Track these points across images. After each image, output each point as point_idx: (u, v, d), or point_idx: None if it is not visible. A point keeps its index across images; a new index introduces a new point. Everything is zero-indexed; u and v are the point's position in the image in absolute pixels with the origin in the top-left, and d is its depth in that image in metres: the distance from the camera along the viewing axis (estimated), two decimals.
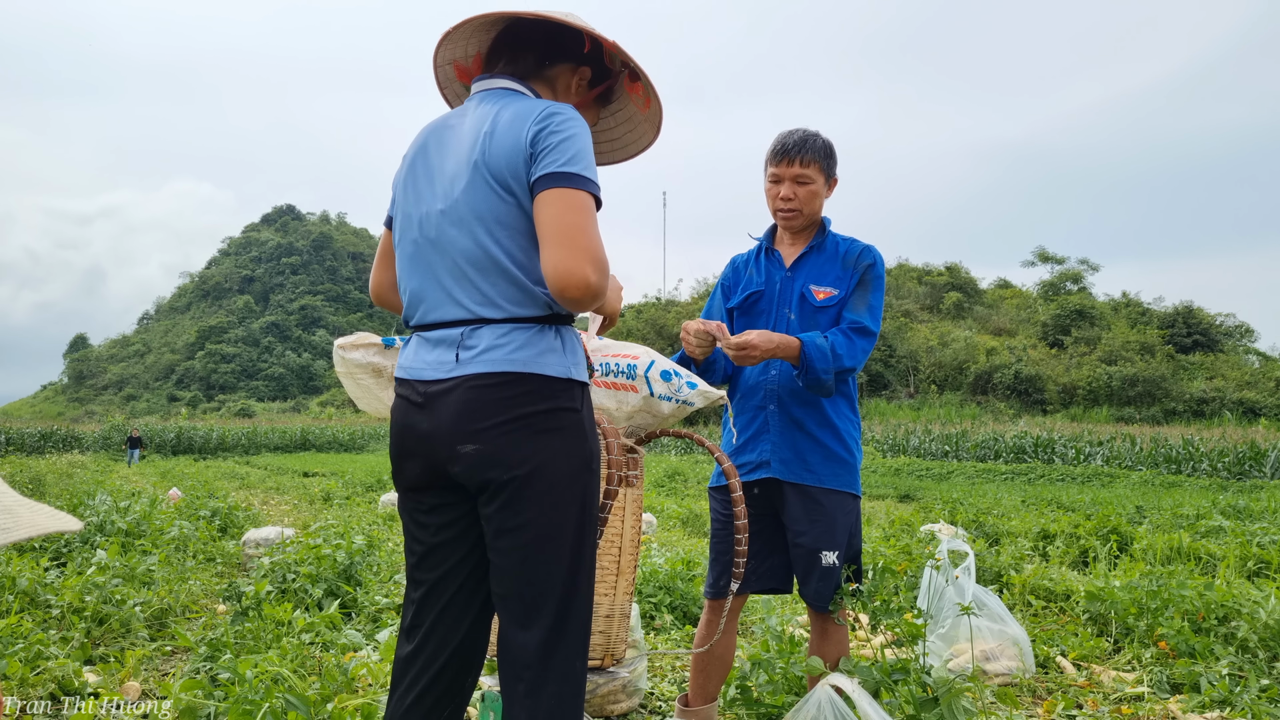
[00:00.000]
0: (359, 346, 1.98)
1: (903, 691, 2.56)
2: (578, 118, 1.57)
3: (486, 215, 1.57)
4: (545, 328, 1.59)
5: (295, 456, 29.77)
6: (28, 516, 1.05)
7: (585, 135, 1.55)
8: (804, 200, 2.48)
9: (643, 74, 1.72)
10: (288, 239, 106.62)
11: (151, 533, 6.63)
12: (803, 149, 2.44)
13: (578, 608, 1.59)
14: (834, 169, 2.53)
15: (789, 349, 2.36)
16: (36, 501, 1.11)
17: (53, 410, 74.39)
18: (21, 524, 1.03)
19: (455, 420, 1.56)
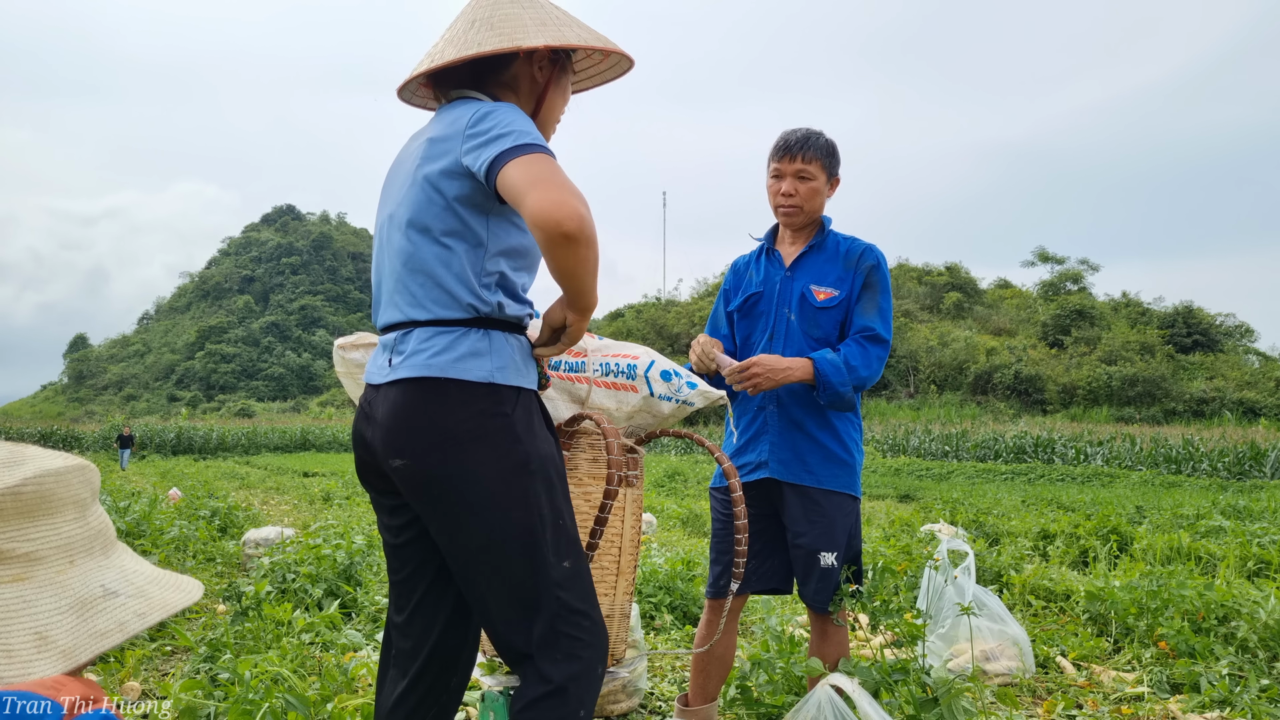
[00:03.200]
0: (359, 346, 1.97)
1: (902, 692, 2.56)
2: (510, 110, 1.55)
3: (418, 218, 1.58)
4: (469, 330, 1.56)
5: (295, 456, 29.77)
6: (159, 596, 1.05)
7: (521, 120, 1.52)
8: (805, 197, 2.47)
9: (584, 47, 1.68)
10: (288, 239, 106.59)
11: (151, 533, 6.63)
12: (805, 145, 2.44)
13: (545, 613, 1.54)
14: (836, 168, 2.52)
15: (803, 372, 2.36)
16: (160, 568, 1.11)
17: (53, 410, 74.37)
18: (154, 606, 1.03)
19: (385, 433, 1.57)
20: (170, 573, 1.11)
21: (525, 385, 1.61)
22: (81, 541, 1.01)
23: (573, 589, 1.56)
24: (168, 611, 1.04)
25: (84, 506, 1.02)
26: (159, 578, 1.08)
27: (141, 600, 1.03)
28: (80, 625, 0.96)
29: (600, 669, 1.59)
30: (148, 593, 1.05)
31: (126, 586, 1.03)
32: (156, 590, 1.06)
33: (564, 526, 1.59)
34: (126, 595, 1.02)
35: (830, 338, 2.48)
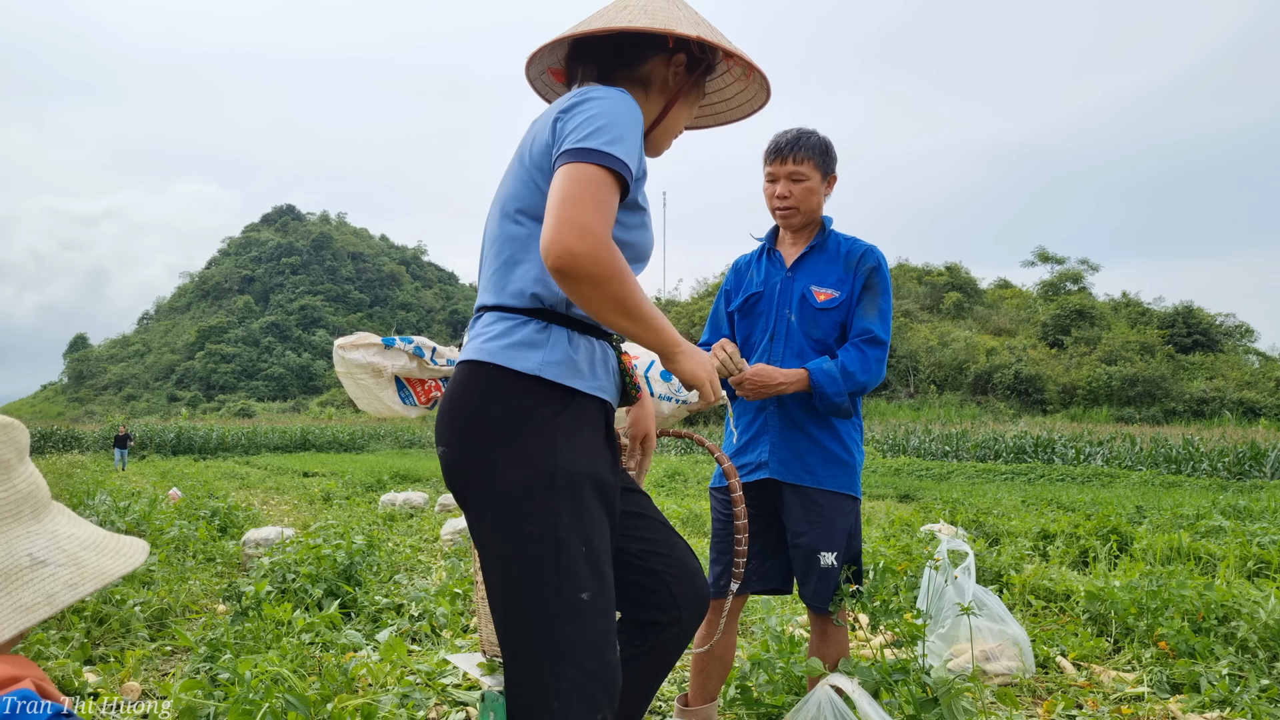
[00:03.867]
0: (359, 346, 1.98)
1: (902, 692, 2.56)
2: (610, 95, 1.44)
3: (509, 199, 1.53)
4: (530, 320, 1.47)
5: (295, 456, 29.77)
6: (94, 565, 0.97)
7: (614, 110, 1.41)
8: (800, 198, 2.47)
9: (737, 54, 1.61)
10: (288, 239, 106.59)
11: (151, 533, 6.63)
12: (796, 146, 2.44)
13: (538, 644, 1.39)
14: (831, 166, 2.51)
15: (798, 384, 2.38)
16: (97, 527, 1.03)
17: (53, 410, 74.38)
18: (88, 575, 0.96)
19: (439, 416, 1.52)
20: (112, 535, 1.03)
21: (581, 388, 1.47)
22: (7, 506, 0.94)
23: (579, 625, 1.39)
24: (104, 580, 0.96)
25: (8, 468, 0.96)
26: (96, 542, 1.00)
27: (74, 569, 0.95)
28: (2, 599, 0.90)
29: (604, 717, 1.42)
30: (81, 560, 0.96)
31: (58, 554, 0.95)
32: (92, 557, 0.98)
33: (587, 554, 1.41)
34: (57, 564, 0.94)
35: (830, 339, 2.48)
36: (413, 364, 2.00)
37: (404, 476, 16.61)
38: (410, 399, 2.02)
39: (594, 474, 1.46)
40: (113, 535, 1.03)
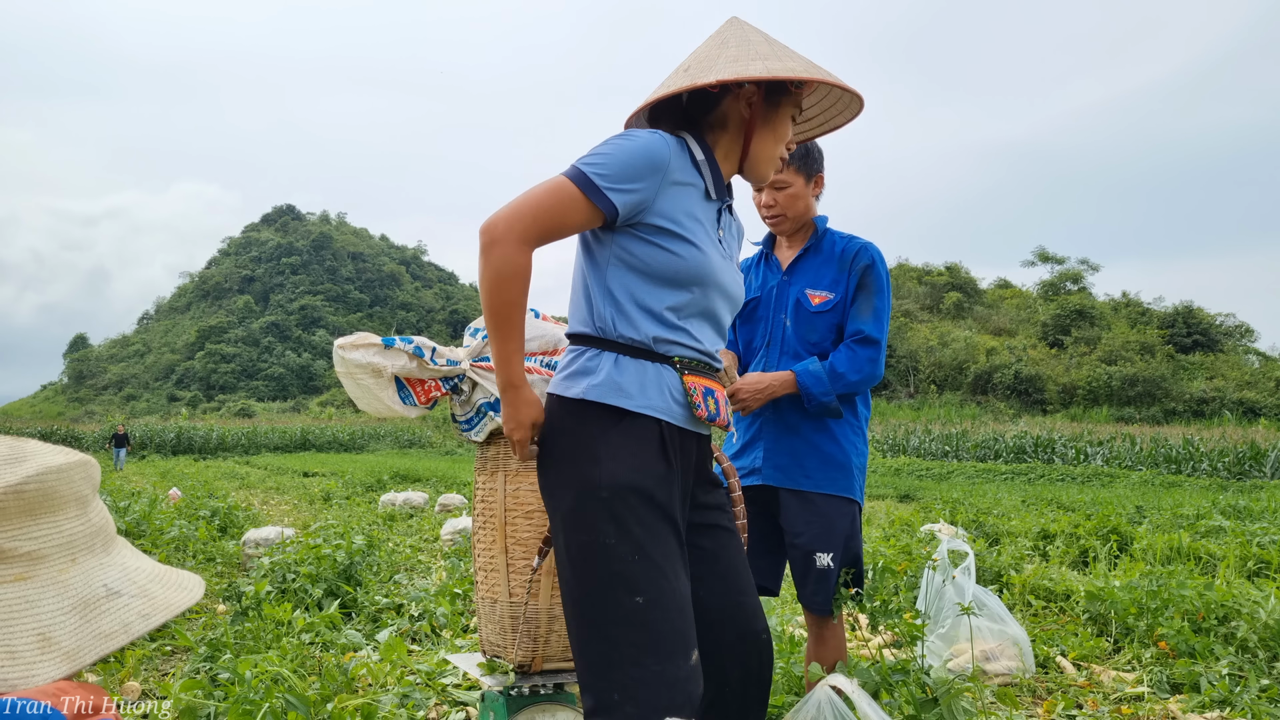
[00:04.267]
0: (359, 346, 1.98)
1: (902, 692, 2.56)
2: (631, 136, 1.59)
3: (581, 236, 1.68)
4: (586, 349, 1.63)
5: (295, 456, 29.77)
6: (162, 596, 1.02)
7: (622, 145, 1.56)
8: (785, 204, 2.45)
9: (754, 78, 1.61)
10: (288, 239, 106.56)
11: (151, 533, 6.64)
12: None
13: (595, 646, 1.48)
14: (814, 167, 2.48)
15: (784, 386, 2.38)
16: (161, 563, 1.07)
17: (53, 410, 74.37)
18: (158, 607, 1.00)
19: None
20: (172, 569, 1.07)
21: (628, 408, 1.56)
22: (84, 539, 0.98)
23: (636, 629, 1.45)
24: (172, 612, 1.01)
25: (85, 503, 1.00)
26: (161, 575, 1.05)
27: (145, 600, 1.00)
28: (84, 626, 0.94)
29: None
30: (151, 592, 1.01)
31: (129, 586, 1.00)
32: (159, 589, 1.02)
33: (640, 560, 1.48)
34: (130, 595, 0.99)
35: (825, 342, 2.47)
36: (413, 364, 2.00)
37: (404, 476, 16.61)
38: (410, 399, 2.02)
39: (641, 486, 1.52)
40: (171, 569, 1.07)
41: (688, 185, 1.63)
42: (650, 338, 1.60)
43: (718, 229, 1.70)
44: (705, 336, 1.68)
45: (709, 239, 1.66)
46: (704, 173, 1.67)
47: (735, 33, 1.71)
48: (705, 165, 1.66)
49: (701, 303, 1.64)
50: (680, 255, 1.60)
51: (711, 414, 1.65)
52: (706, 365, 1.68)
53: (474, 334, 2.11)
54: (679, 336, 1.63)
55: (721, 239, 1.72)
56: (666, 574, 1.49)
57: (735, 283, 1.72)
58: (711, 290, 1.65)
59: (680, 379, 1.62)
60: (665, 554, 1.51)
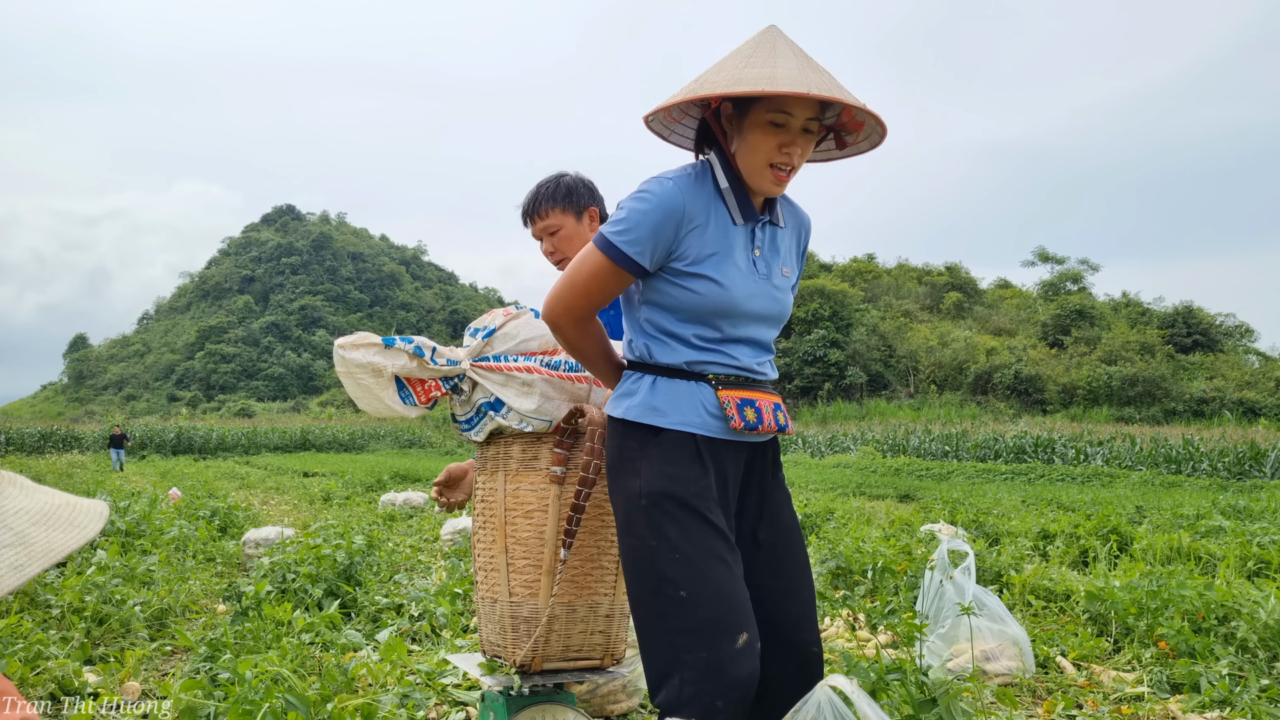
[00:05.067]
0: (359, 346, 1.98)
1: (901, 692, 2.56)
2: (643, 192, 1.70)
3: None
4: (630, 374, 1.80)
5: (295, 456, 29.78)
6: (42, 542, 0.89)
7: (636, 206, 1.68)
8: (562, 247, 2.40)
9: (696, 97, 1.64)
10: (288, 239, 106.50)
11: (151, 533, 6.64)
12: (536, 204, 2.39)
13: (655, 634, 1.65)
14: (582, 201, 2.39)
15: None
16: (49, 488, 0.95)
17: (53, 410, 74.35)
18: (35, 555, 0.87)
19: None
20: (67, 501, 0.94)
21: (663, 425, 1.71)
22: None
23: (681, 619, 1.62)
24: (53, 558, 0.87)
25: None
26: (48, 513, 0.91)
27: (20, 549, 0.86)
28: None
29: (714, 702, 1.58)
30: (29, 537, 0.87)
31: (2, 533, 0.86)
32: (41, 532, 0.88)
33: (680, 559, 1.64)
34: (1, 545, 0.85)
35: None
36: (413, 364, 2.00)
37: (404, 476, 16.61)
38: (410, 399, 2.02)
39: (674, 493, 1.67)
40: (68, 501, 0.94)
41: (706, 224, 1.71)
42: (685, 361, 1.74)
43: (752, 249, 1.76)
44: (741, 355, 1.77)
45: (737, 268, 1.73)
46: (727, 200, 1.73)
47: (751, 44, 1.69)
48: (729, 193, 1.73)
49: (730, 331, 1.75)
50: (701, 294, 1.70)
51: (750, 423, 1.72)
52: (746, 379, 1.77)
53: (474, 334, 2.11)
54: (713, 357, 1.74)
55: (758, 257, 1.76)
56: (702, 568, 1.63)
57: (770, 299, 1.78)
58: (739, 319, 1.74)
59: (715, 394, 1.72)
60: (702, 550, 1.64)
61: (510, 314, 2.12)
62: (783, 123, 1.66)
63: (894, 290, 51.98)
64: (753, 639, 1.61)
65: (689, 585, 1.62)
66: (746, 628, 1.61)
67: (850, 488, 15.11)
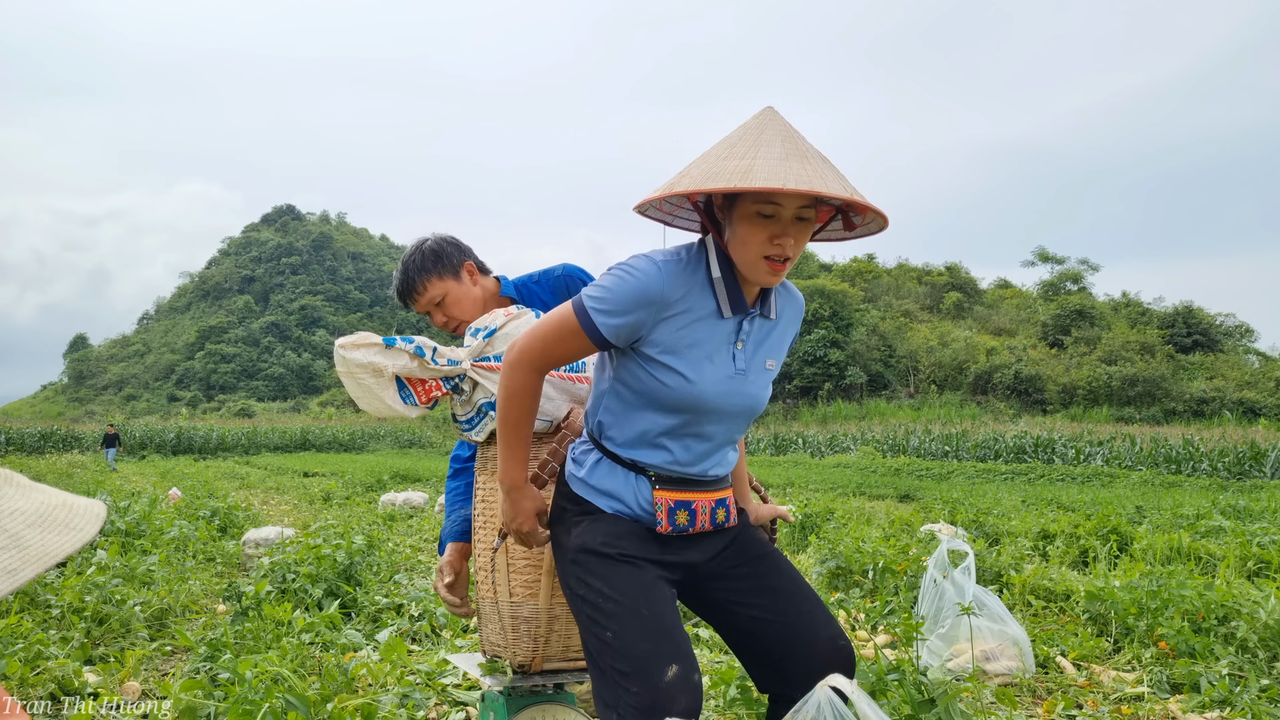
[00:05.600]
0: (360, 346, 1.97)
1: (901, 693, 2.56)
2: (627, 268, 1.66)
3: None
4: (583, 442, 1.84)
5: (295, 456, 29.77)
6: (37, 546, 0.87)
7: (620, 280, 1.64)
8: (453, 313, 2.29)
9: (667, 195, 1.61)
10: (288, 239, 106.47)
11: (151, 533, 6.64)
12: (409, 284, 2.28)
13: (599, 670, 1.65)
14: (454, 260, 2.29)
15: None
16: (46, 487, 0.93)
17: (53, 410, 74.35)
18: (30, 559, 0.85)
19: None
20: (65, 500, 0.92)
21: (601, 507, 1.74)
22: None
23: (612, 657, 1.63)
24: (49, 561, 0.85)
25: None
26: (44, 514, 0.88)
27: (15, 552, 0.83)
28: None
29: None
30: (24, 540, 0.85)
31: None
32: (37, 535, 0.86)
33: (605, 603, 1.66)
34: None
35: None
36: (414, 364, 2.00)
37: (404, 476, 16.61)
38: (411, 399, 2.02)
39: (598, 549, 1.70)
40: (65, 502, 0.92)
41: (687, 312, 1.66)
42: (629, 455, 1.74)
43: (735, 342, 1.70)
44: (691, 453, 1.73)
45: (712, 363, 1.68)
46: (717, 291, 1.67)
47: (740, 130, 1.64)
48: (720, 283, 1.67)
49: (692, 426, 1.71)
50: (668, 386, 1.67)
51: (680, 526, 1.72)
52: (686, 480, 1.74)
53: (475, 334, 2.11)
54: (656, 455, 1.72)
55: (740, 351, 1.71)
56: (630, 607, 1.63)
57: (743, 397, 1.72)
58: (703, 416, 1.70)
59: (651, 492, 1.72)
60: (627, 591, 1.65)
61: (511, 314, 2.12)
62: (771, 214, 1.59)
63: (894, 290, 51.98)
64: (687, 671, 1.58)
65: (616, 626, 1.62)
66: (677, 660, 1.58)
67: (850, 488, 15.11)
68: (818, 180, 1.50)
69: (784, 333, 1.82)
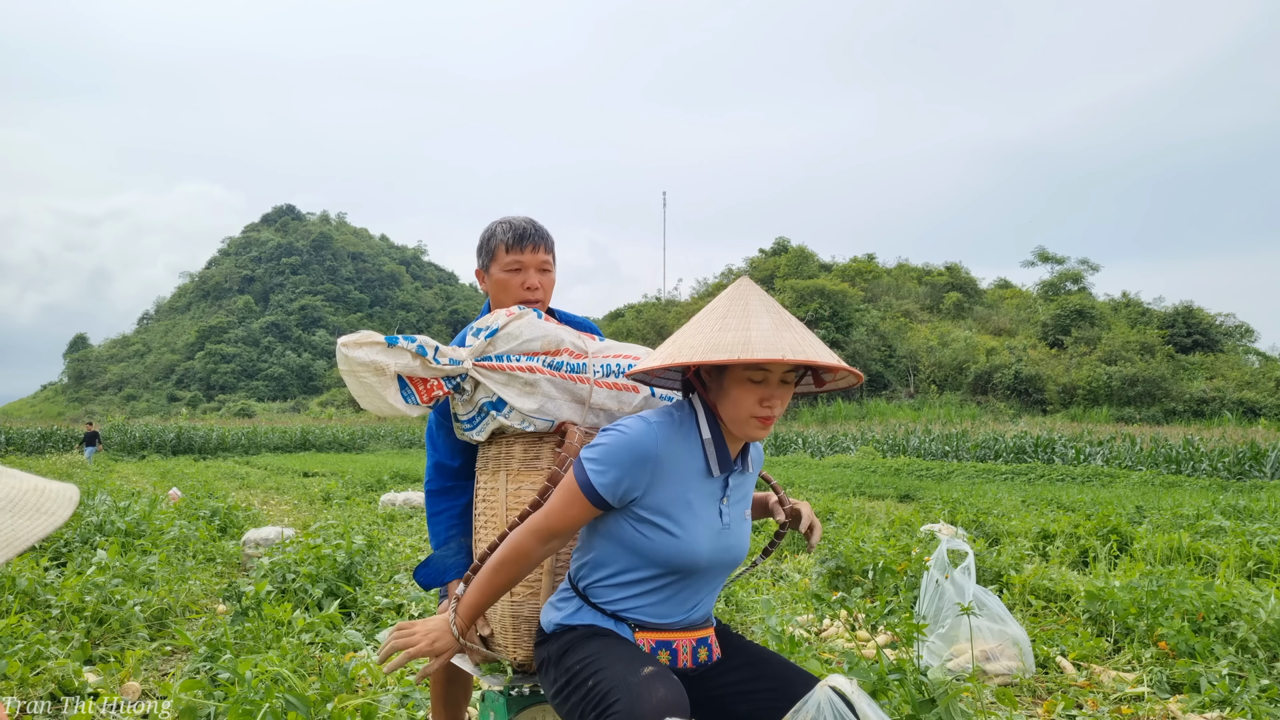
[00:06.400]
0: (362, 344, 1.97)
1: (901, 693, 2.56)
2: (620, 430, 1.76)
3: None
4: (565, 589, 1.89)
5: (295, 456, 29.76)
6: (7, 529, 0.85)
7: (616, 441, 1.74)
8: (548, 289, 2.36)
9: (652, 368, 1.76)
10: (288, 239, 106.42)
11: (151, 533, 6.63)
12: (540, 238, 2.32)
13: None
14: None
15: None
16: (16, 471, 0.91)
17: (53, 410, 74.30)
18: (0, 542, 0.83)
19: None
20: (36, 485, 0.90)
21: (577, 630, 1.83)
22: None
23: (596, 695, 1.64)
24: (18, 547, 0.84)
25: None
26: (15, 499, 0.87)
27: None
28: None
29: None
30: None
31: None
32: (6, 520, 0.85)
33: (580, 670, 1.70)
34: None
35: None
36: (416, 363, 1.99)
37: (404, 476, 16.61)
38: (413, 397, 2.02)
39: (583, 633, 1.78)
40: (36, 486, 0.90)
41: (678, 470, 1.77)
42: (613, 605, 1.81)
43: (722, 498, 1.83)
44: (671, 604, 1.81)
45: (699, 520, 1.79)
46: (707, 451, 1.80)
47: (725, 302, 1.78)
48: (710, 444, 1.80)
49: (676, 583, 1.80)
50: (654, 542, 1.76)
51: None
52: (665, 625, 1.82)
53: (476, 333, 2.11)
54: (638, 605, 1.80)
55: (725, 506, 1.83)
56: (607, 656, 1.69)
57: (726, 551, 1.83)
58: (690, 571, 1.80)
59: (633, 634, 1.80)
60: (605, 647, 1.71)
61: (513, 314, 2.12)
62: (761, 379, 1.74)
63: (894, 290, 51.97)
64: (664, 671, 1.62)
65: (595, 668, 1.67)
66: (655, 665, 1.64)
67: (850, 488, 15.10)
68: (810, 350, 1.69)
69: (752, 482, 1.97)
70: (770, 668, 1.84)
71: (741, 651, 1.89)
